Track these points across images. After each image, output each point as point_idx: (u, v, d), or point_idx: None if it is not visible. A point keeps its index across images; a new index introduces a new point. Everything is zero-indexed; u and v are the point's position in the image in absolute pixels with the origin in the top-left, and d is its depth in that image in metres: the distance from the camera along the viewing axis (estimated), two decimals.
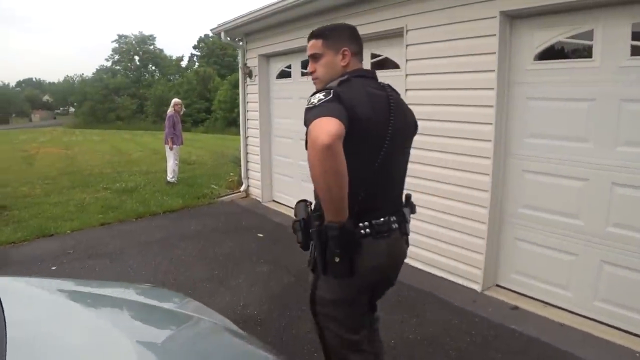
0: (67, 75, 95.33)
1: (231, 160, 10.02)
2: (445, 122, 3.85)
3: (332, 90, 1.62)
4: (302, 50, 5.71)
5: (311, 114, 1.56)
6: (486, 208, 3.65)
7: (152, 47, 61.40)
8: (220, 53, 56.77)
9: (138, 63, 61.15)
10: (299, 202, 1.79)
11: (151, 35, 62.25)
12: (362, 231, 1.70)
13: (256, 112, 6.90)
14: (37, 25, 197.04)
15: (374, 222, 1.73)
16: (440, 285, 3.98)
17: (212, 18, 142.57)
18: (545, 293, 3.51)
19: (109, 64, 60.94)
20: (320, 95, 1.62)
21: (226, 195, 7.60)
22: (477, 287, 3.79)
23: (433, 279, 4.10)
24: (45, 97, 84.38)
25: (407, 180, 1.97)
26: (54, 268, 4.54)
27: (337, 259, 1.60)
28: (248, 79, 6.98)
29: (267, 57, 6.72)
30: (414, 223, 2.17)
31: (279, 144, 6.78)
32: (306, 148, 1.56)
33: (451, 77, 3.76)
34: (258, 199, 7.18)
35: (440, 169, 3.97)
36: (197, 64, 59.45)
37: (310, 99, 1.65)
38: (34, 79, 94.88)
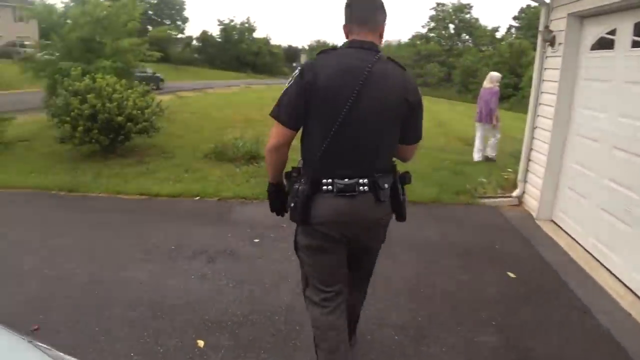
0: (387, 40, 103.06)
1: (509, 153, 8.18)
2: None
3: (300, 66, 1.96)
4: (637, 6, 3.69)
5: (274, 106, 1.97)
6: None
7: (468, 15, 59.93)
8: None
9: (452, 31, 60.78)
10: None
11: (468, 4, 60.45)
12: (323, 187, 1.95)
13: (553, 96, 4.94)
14: None
15: (336, 181, 1.94)
16: None
17: None
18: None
19: (424, 30, 62.28)
20: (296, 71, 1.96)
21: (493, 197, 5.94)
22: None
23: None
24: None
25: None
26: None
27: (292, 205, 2.01)
28: (549, 47, 5.05)
29: (581, 17, 4.60)
30: None
31: (579, 146, 4.65)
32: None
33: None
34: (532, 212, 5.30)
35: None
36: (513, 35, 55.71)
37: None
38: None
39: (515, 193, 5.78)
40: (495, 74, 8.56)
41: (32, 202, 5.56)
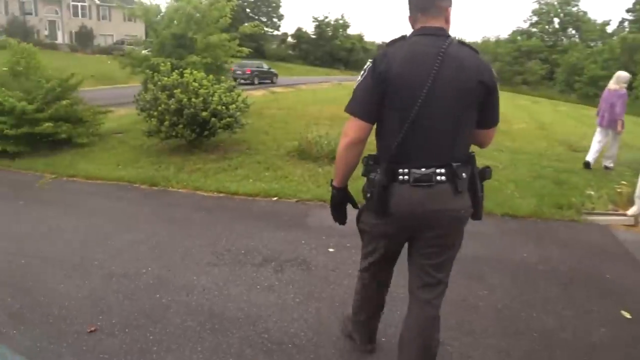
0: (485, 36, 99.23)
1: (624, 163, 7.19)
2: None
3: (372, 60, 1.92)
4: None
5: (349, 101, 1.98)
6: None
7: (575, 9, 55.63)
8: None
9: (557, 26, 56.87)
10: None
11: None
12: (399, 177, 1.89)
13: None
14: None
15: (413, 170, 1.87)
16: None
17: None
18: None
19: (526, 25, 58.85)
20: (368, 64, 1.93)
21: (603, 214, 5.16)
22: None
23: None
24: None
25: None
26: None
27: (368, 195, 1.97)
28: None
29: None
30: None
31: None
32: None
33: None
34: None
35: None
36: (626, 29, 50.93)
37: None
38: (456, 38, 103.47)
39: (631, 211, 4.98)
40: (623, 74, 7.64)
41: (113, 195, 5.68)
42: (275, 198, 5.40)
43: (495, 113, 2.02)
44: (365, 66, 1.92)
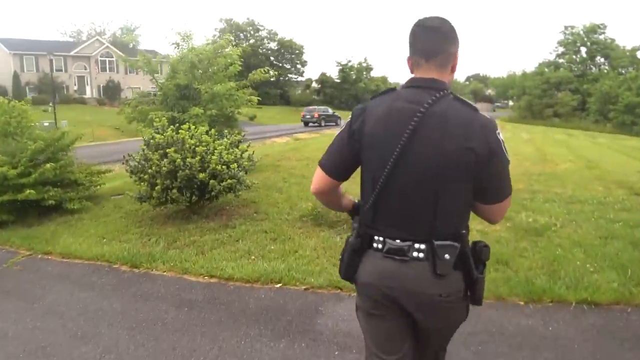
0: (510, 70, 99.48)
1: None
2: None
3: (353, 111, 1.76)
4: None
5: (324, 153, 1.84)
6: None
7: (602, 36, 54.33)
8: None
9: (584, 55, 55.72)
10: None
11: (602, 24, 54.69)
12: (374, 244, 1.71)
13: None
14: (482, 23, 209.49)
15: (388, 240, 1.68)
16: None
17: None
18: None
19: (552, 57, 57.77)
20: (349, 117, 1.79)
21: None
22: None
23: None
24: (488, 91, 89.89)
25: None
26: None
27: (340, 257, 1.83)
28: None
29: None
30: None
31: None
32: None
33: None
34: None
35: None
36: None
37: None
38: (480, 74, 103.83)
39: None
40: None
41: (85, 281, 4.67)
42: (279, 285, 4.26)
43: (499, 187, 1.70)
44: (349, 117, 1.77)
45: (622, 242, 5.14)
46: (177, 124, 6.90)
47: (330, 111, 37.42)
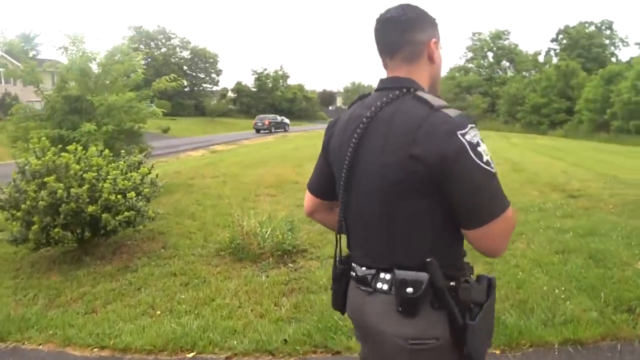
0: None
1: None
2: None
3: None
4: None
5: None
6: None
7: (506, 42, 57.83)
8: (587, 44, 50.17)
9: (491, 60, 58.82)
10: None
11: (506, 30, 58.31)
12: (351, 272, 1.49)
13: None
14: None
15: (356, 267, 1.46)
16: None
17: (575, 7, 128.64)
18: None
19: (462, 62, 60.42)
20: None
21: None
22: None
23: None
24: None
25: None
26: None
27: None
28: None
29: None
30: None
31: None
32: None
33: None
34: None
35: None
36: (554, 58, 53.43)
37: None
38: None
39: None
40: None
41: None
42: (191, 354, 3.25)
43: (476, 206, 1.27)
44: None
45: (580, 256, 4.66)
46: (66, 144, 5.64)
47: (279, 118, 42.42)
